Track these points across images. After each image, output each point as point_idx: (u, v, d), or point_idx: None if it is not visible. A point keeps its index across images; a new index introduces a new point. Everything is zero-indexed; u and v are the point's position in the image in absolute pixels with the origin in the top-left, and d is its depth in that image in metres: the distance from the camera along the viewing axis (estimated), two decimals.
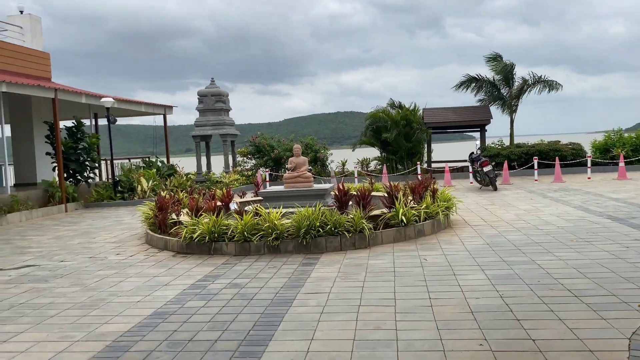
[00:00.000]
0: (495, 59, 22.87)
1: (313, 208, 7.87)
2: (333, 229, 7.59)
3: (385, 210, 8.44)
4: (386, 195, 8.60)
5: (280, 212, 7.92)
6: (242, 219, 7.74)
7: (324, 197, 9.87)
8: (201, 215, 8.28)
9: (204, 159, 23.33)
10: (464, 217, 10.19)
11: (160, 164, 20.45)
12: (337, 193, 8.18)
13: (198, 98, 22.39)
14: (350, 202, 8.57)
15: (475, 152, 16.74)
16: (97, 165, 17.29)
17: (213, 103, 22.14)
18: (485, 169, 15.07)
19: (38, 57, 18.15)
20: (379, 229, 8.02)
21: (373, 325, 4.46)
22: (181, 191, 13.98)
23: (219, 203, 8.81)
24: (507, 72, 21.95)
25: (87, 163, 16.67)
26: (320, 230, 7.54)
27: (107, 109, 16.57)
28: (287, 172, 10.65)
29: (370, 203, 8.19)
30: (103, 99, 16.43)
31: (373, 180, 12.41)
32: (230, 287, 5.94)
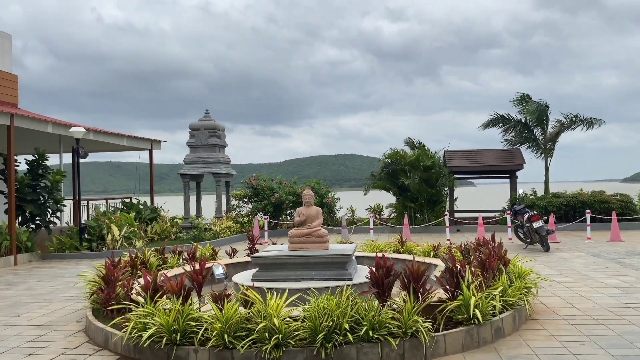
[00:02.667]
0: (524, 100, 20.38)
1: (338, 293, 4.98)
2: (370, 331, 4.68)
3: (443, 296, 5.52)
4: (447, 271, 5.69)
5: (284, 300, 5.00)
6: (221, 310, 4.82)
7: (345, 265, 6.96)
8: (158, 301, 5.32)
9: (193, 201, 20.44)
10: (539, 299, 7.26)
11: (142, 206, 17.58)
12: (374, 271, 5.24)
13: (189, 132, 19.63)
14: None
15: (517, 203, 13.93)
16: (61, 207, 14.37)
17: (206, 138, 19.39)
18: (536, 225, 12.18)
19: (2, 79, 15.55)
20: (438, 328, 5.09)
21: None
22: (149, 245, 11.10)
23: (187, 281, 5.70)
24: (541, 112, 19.36)
25: (47, 205, 13.79)
26: (349, 334, 4.62)
27: (77, 140, 13.86)
28: (293, 226, 7.76)
29: (425, 286, 5.25)
30: (72, 129, 13.73)
31: (404, 238, 9.52)
32: None
